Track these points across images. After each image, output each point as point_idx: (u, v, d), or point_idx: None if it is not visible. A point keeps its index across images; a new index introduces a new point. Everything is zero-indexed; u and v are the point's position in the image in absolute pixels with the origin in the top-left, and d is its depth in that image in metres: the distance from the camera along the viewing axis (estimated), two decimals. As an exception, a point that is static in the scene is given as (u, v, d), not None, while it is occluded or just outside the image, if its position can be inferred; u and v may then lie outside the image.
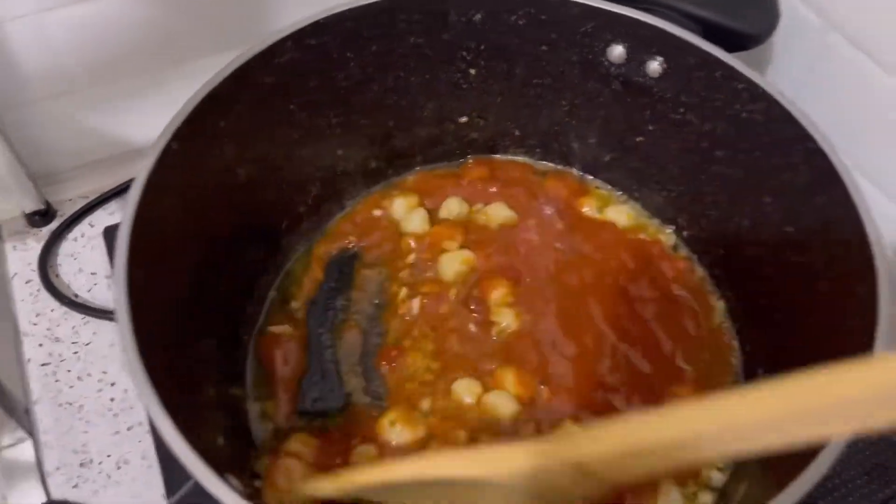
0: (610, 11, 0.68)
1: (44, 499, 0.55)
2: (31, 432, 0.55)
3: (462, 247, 0.76)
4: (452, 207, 0.79)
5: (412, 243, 0.77)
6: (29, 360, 0.80)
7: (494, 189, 0.81)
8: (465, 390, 0.67)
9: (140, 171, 0.57)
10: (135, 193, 0.56)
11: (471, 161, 0.84)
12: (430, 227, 0.78)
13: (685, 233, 0.77)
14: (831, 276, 0.59)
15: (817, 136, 0.59)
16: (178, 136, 0.59)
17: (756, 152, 0.65)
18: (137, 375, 0.48)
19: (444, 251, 0.76)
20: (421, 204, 0.80)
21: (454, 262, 0.74)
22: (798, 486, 0.45)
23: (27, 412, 0.55)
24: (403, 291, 0.74)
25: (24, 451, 0.56)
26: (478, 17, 0.72)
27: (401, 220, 0.79)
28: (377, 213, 0.80)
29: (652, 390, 0.67)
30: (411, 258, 0.76)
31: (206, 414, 0.62)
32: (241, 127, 0.66)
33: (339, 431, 0.66)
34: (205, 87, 0.62)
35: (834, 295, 0.58)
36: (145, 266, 0.55)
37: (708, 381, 0.68)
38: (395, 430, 0.65)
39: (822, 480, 0.45)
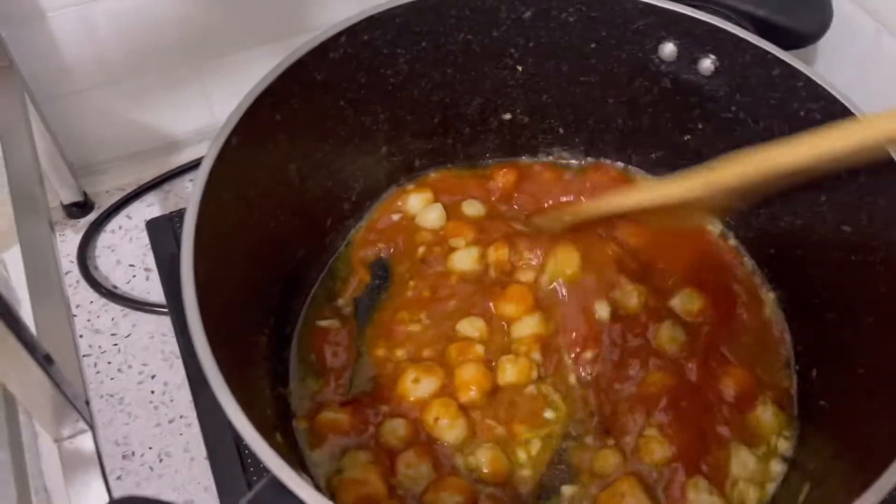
0: (664, 9, 0.68)
1: (103, 491, 0.55)
2: (92, 424, 0.55)
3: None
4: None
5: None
6: (70, 351, 0.80)
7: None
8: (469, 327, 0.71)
9: (203, 165, 0.57)
10: (198, 187, 0.56)
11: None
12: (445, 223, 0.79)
13: (735, 232, 0.77)
14: (891, 278, 0.59)
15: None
16: (237, 131, 0.59)
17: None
18: (212, 372, 0.48)
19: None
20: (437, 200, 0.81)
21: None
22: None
23: (87, 403, 0.55)
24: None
25: (85, 444, 0.56)
26: (528, 14, 0.72)
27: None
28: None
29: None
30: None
31: (264, 412, 0.63)
32: (294, 122, 0.66)
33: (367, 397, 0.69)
34: (263, 82, 0.62)
35: (893, 296, 0.58)
36: (206, 260, 0.55)
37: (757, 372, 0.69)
38: (418, 385, 0.68)
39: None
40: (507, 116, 0.80)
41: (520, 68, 0.76)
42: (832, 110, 0.62)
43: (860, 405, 0.60)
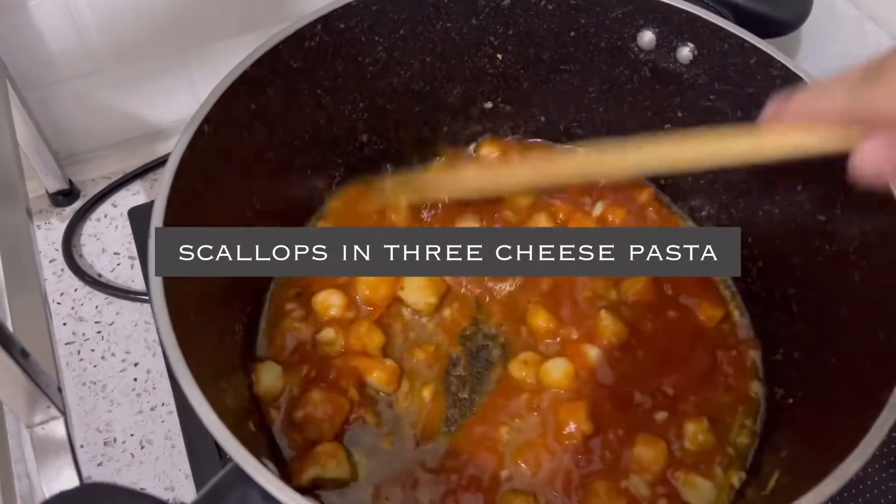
0: (642, -3, 0.67)
1: (74, 476, 0.55)
2: (64, 410, 0.55)
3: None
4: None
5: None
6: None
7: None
8: None
9: (173, 154, 0.57)
10: (167, 177, 0.56)
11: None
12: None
13: (713, 223, 0.77)
14: (865, 266, 0.58)
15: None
16: (210, 119, 0.59)
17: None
18: (175, 359, 0.49)
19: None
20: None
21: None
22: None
23: (60, 390, 0.55)
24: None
25: (56, 430, 0.56)
26: (506, 1, 0.71)
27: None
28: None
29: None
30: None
31: (240, 398, 0.63)
32: (270, 111, 0.66)
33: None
34: (236, 70, 0.61)
35: (866, 286, 0.58)
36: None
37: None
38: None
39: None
40: (489, 105, 0.80)
41: (499, 56, 0.76)
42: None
43: (831, 395, 0.60)
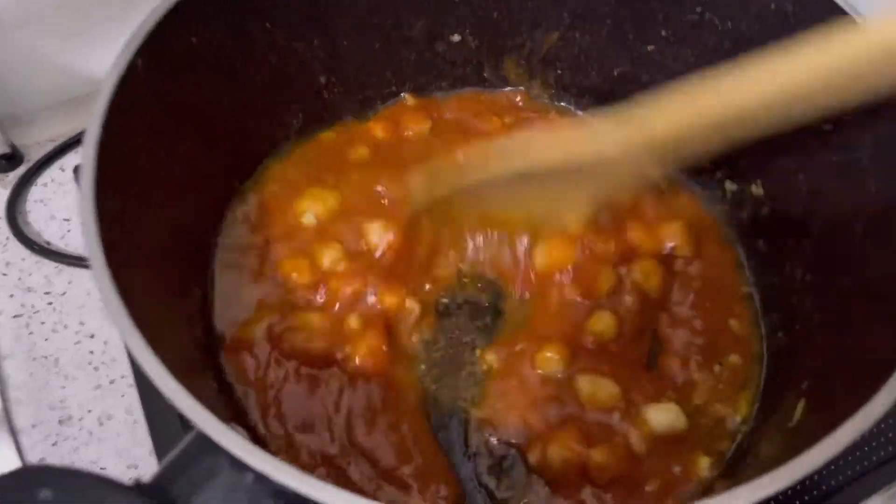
0: None
1: (16, 457, 0.50)
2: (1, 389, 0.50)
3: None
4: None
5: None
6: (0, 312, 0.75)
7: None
8: None
9: (104, 87, 0.51)
10: (99, 112, 0.51)
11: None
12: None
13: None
14: (882, 174, 0.54)
15: (857, 18, 0.53)
16: (143, 53, 0.53)
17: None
18: (122, 320, 0.44)
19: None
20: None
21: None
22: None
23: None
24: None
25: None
26: None
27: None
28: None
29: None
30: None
31: (194, 361, 0.58)
32: (214, 47, 0.61)
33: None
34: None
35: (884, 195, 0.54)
36: (117, 197, 0.50)
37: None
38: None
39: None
40: (456, 38, 0.75)
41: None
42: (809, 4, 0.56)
43: (849, 318, 0.56)
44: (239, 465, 0.41)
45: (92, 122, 0.50)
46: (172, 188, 0.59)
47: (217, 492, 0.41)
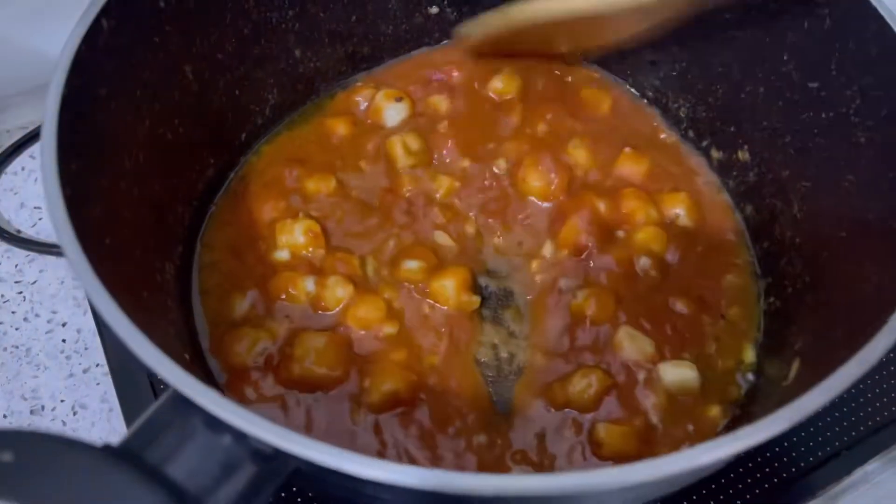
0: None
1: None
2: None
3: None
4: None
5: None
6: (-32, 302, 0.73)
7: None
8: None
9: (65, 47, 0.49)
10: (60, 74, 0.48)
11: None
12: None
13: (688, 118, 0.72)
14: (870, 124, 0.53)
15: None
16: (108, 12, 0.51)
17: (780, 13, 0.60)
18: (90, 283, 0.41)
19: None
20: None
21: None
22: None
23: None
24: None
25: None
26: None
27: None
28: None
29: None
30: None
31: (171, 333, 0.55)
32: (183, 13, 0.59)
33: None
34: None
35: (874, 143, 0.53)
36: (83, 170, 0.47)
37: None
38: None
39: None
40: (434, 10, 0.73)
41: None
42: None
43: (836, 275, 0.54)
44: (215, 425, 0.39)
45: (55, 77, 0.48)
46: (140, 159, 0.56)
47: (193, 452, 0.39)
